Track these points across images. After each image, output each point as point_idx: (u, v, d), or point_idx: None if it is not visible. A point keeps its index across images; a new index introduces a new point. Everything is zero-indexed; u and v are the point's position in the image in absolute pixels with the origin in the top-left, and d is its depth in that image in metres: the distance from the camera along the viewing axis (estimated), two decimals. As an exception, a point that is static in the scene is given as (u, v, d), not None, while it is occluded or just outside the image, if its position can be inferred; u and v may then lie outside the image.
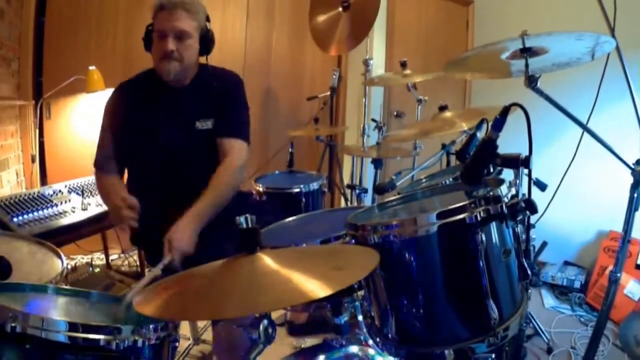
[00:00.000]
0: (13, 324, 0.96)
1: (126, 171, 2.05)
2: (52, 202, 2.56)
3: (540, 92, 1.43)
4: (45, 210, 2.46)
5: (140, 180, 2.02)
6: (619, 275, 1.61)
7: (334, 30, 3.08)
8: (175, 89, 1.95)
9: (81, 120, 3.52)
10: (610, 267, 1.66)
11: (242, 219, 1.06)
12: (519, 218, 1.27)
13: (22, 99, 3.29)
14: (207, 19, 1.95)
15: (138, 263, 3.19)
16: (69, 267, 3.14)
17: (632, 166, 1.55)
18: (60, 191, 2.70)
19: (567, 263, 3.49)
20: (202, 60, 2.02)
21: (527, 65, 1.39)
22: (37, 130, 3.38)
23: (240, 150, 1.97)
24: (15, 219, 2.29)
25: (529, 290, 1.40)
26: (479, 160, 1.39)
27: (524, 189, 1.40)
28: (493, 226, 1.24)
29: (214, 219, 1.84)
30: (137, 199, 1.93)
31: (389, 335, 1.31)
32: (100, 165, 1.97)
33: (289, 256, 1.13)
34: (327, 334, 2.23)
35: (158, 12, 1.84)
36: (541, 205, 1.38)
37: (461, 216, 1.19)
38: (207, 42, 1.95)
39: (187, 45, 1.86)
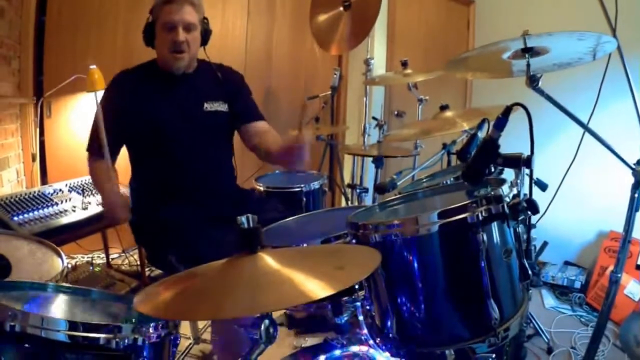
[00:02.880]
0: (12, 323, 0.96)
1: (128, 163, 2.09)
2: (52, 201, 2.56)
3: (541, 92, 1.43)
4: (45, 209, 2.46)
5: (148, 168, 2.05)
6: (619, 275, 1.61)
7: (334, 30, 3.08)
8: (180, 77, 2.00)
9: (82, 119, 3.51)
10: (611, 268, 1.66)
11: (243, 218, 1.05)
12: (520, 218, 1.27)
13: (23, 98, 3.28)
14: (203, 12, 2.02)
15: (138, 262, 3.18)
16: (70, 266, 3.13)
17: (633, 166, 1.55)
18: (60, 190, 2.70)
19: (567, 263, 3.49)
20: (201, 55, 2.09)
21: (528, 65, 1.39)
22: (38, 129, 3.38)
23: (276, 133, 2.12)
24: (15, 218, 2.29)
25: (530, 291, 1.40)
26: (481, 160, 1.39)
27: (525, 189, 1.40)
28: (494, 226, 1.24)
29: (214, 217, 1.86)
30: (143, 189, 2.01)
31: (390, 335, 1.31)
32: (94, 150, 1.94)
33: (290, 256, 1.13)
34: (328, 333, 2.22)
35: (165, 4, 1.89)
36: (542, 205, 1.37)
37: (462, 216, 1.19)
38: (206, 33, 2.04)
39: (194, 37, 1.94)
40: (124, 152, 2.07)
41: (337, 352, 1.36)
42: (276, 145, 1.95)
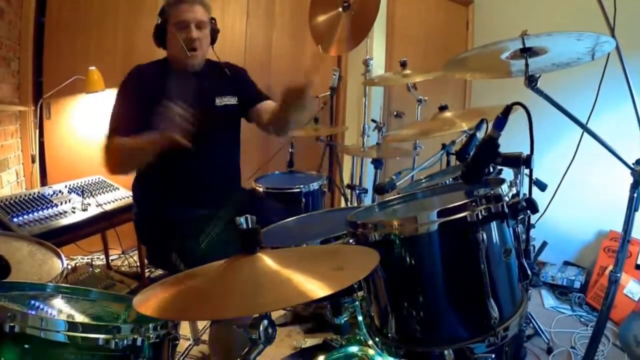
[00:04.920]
0: (12, 324, 0.96)
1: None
2: (52, 202, 2.56)
3: (540, 92, 1.43)
4: (45, 211, 2.46)
5: (155, 164, 2.02)
6: (618, 275, 1.61)
7: (334, 30, 3.07)
8: (191, 74, 2.04)
9: (81, 120, 3.52)
10: (610, 267, 1.66)
11: (242, 219, 1.05)
12: (519, 217, 1.27)
13: (22, 99, 3.29)
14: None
15: (138, 263, 3.18)
16: (69, 267, 3.14)
17: (632, 166, 1.55)
18: (60, 191, 2.70)
19: (567, 263, 3.49)
20: (209, 55, 2.14)
21: (527, 65, 1.39)
22: (37, 131, 3.38)
23: None
24: (15, 219, 2.29)
25: (529, 291, 1.40)
26: (480, 159, 1.39)
27: (525, 189, 1.40)
28: (494, 225, 1.24)
29: (219, 216, 1.86)
30: (149, 185, 2.01)
31: (389, 335, 1.31)
32: (122, 130, 1.84)
33: (289, 256, 1.13)
34: (327, 334, 2.23)
35: (176, 4, 1.95)
36: (541, 205, 1.37)
37: (462, 214, 1.19)
38: (214, 33, 2.11)
39: (205, 34, 2.02)
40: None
41: (336, 353, 1.36)
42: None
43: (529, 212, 1.27)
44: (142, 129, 1.88)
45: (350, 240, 1.34)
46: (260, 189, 2.59)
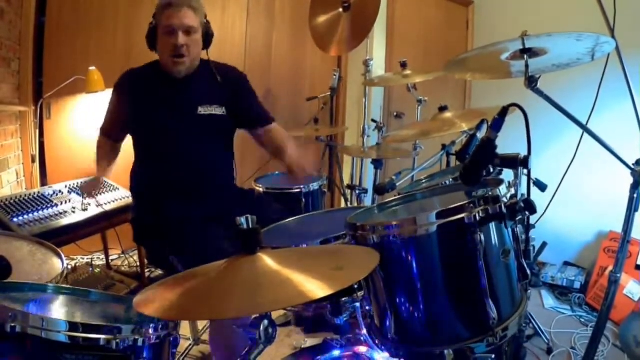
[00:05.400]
0: (13, 324, 0.96)
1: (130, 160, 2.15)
2: (52, 202, 2.56)
3: (540, 93, 1.43)
4: (45, 211, 2.46)
5: (147, 167, 2.08)
6: (618, 275, 1.61)
7: (334, 31, 3.08)
8: (177, 79, 2.01)
9: (81, 120, 3.52)
10: (610, 268, 1.66)
11: (242, 219, 1.06)
12: (518, 218, 1.27)
13: (22, 99, 3.29)
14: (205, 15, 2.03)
15: (138, 263, 3.18)
16: (69, 267, 3.14)
17: (632, 166, 1.55)
18: (60, 191, 2.70)
19: (567, 263, 3.49)
20: (203, 56, 2.09)
21: (527, 66, 1.39)
22: (38, 131, 3.38)
23: (282, 130, 2.26)
24: (15, 219, 2.29)
25: (529, 291, 1.40)
26: (478, 161, 1.39)
27: (524, 189, 1.40)
28: (492, 226, 1.24)
29: (212, 217, 1.87)
30: (143, 186, 2.09)
31: (389, 335, 1.31)
32: (105, 131, 2.17)
33: (289, 256, 1.13)
34: (327, 334, 2.23)
35: (165, 9, 1.90)
36: (541, 206, 1.38)
37: (460, 216, 1.19)
38: (208, 36, 2.05)
39: (194, 40, 1.95)
40: (127, 151, 2.09)
41: (337, 353, 1.36)
42: (283, 144, 2.17)
43: (527, 212, 1.27)
44: (125, 130, 2.12)
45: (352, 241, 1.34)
46: (261, 189, 2.60)
